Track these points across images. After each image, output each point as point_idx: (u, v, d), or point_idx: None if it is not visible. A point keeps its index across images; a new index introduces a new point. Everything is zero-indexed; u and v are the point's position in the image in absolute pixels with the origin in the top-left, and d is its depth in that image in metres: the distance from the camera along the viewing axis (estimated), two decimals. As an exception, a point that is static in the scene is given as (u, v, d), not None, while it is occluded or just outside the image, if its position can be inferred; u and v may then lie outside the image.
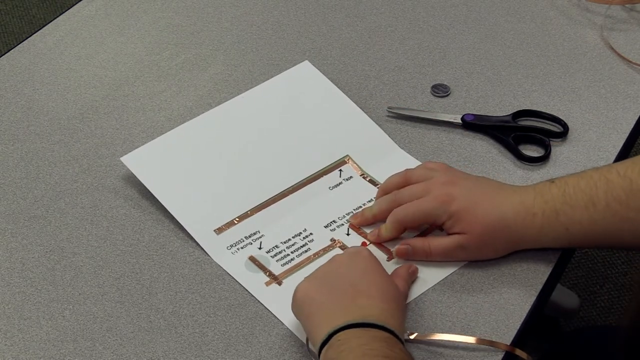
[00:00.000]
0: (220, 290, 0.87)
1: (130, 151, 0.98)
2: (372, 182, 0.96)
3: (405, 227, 0.88)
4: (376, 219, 0.90)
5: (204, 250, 0.90)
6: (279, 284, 0.87)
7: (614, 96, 1.06)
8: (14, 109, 1.07)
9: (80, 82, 1.11)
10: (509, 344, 0.81)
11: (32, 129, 1.04)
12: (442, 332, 0.82)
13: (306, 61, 1.08)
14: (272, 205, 0.94)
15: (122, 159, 0.96)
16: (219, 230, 0.91)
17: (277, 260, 0.89)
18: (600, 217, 0.82)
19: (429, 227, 0.90)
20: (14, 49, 1.16)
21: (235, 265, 0.89)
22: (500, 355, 0.80)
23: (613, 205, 0.82)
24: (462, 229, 0.85)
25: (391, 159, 0.98)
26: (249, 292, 0.86)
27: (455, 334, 0.81)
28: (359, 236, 0.91)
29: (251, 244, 0.91)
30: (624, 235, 0.83)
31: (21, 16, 2.49)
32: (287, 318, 0.83)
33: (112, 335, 0.83)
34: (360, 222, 0.91)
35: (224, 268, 0.88)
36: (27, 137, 1.03)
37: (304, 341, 0.81)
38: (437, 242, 0.86)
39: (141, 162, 0.96)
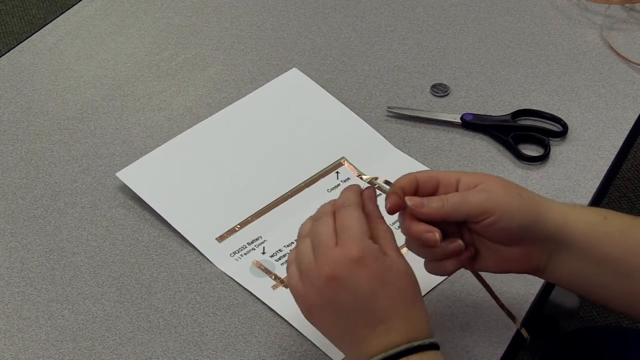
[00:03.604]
0: (220, 289, 0.87)
1: (129, 151, 0.99)
2: (370, 182, 0.96)
3: (417, 179, 0.75)
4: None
5: (208, 259, 0.90)
6: (286, 287, 0.87)
7: (613, 96, 1.06)
8: (14, 109, 1.07)
9: (80, 82, 1.11)
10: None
11: (32, 129, 1.04)
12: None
13: (294, 68, 1.09)
14: (272, 211, 0.94)
15: (117, 174, 0.96)
16: (221, 238, 0.91)
17: (282, 264, 0.89)
18: (637, 224, 0.75)
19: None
20: (14, 49, 1.16)
21: (240, 271, 0.89)
22: (503, 348, 0.80)
23: None
24: (482, 178, 0.74)
25: (387, 159, 0.99)
26: (251, 294, 0.86)
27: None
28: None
29: (254, 249, 0.91)
30: None
31: (21, 16, 2.49)
32: (297, 321, 0.83)
33: (111, 335, 0.83)
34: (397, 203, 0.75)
35: (230, 275, 0.88)
36: (27, 137, 1.03)
37: (317, 340, 0.81)
38: (454, 193, 0.75)
39: (137, 176, 0.96)
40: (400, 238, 0.75)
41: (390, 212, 0.74)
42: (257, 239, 0.91)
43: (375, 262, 0.69)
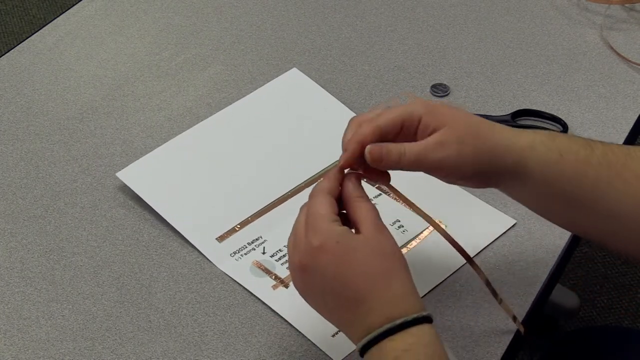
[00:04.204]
0: (220, 289, 0.87)
1: (129, 151, 0.99)
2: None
3: (381, 129, 0.75)
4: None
5: (208, 259, 0.90)
6: (286, 286, 0.87)
7: (613, 96, 1.06)
8: (14, 109, 1.07)
9: (80, 82, 1.11)
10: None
11: (32, 129, 1.04)
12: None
13: (294, 68, 1.09)
14: (272, 210, 0.94)
15: (117, 174, 0.96)
16: (221, 238, 0.91)
17: (282, 264, 0.89)
18: (596, 161, 0.75)
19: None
20: (14, 49, 1.16)
21: (240, 271, 0.89)
22: (503, 348, 0.80)
23: (610, 156, 0.75)
24: (441, 121, 0.74)
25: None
26: (251, 294, 0.86)
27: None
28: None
29: (254, 249, 0.91)
30: (611, 194, 0.74)
31: (21, 16, 2.49)
32: (297, 320, 0.83)
33: (111, 335, 0.83)
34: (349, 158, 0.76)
35: (230, 275, 0.88)
36: (27, 137, 1.03)
37: (317, 340, 0.81)
38: (412, 144, 0.75)
39: (137, 176, 0.96)
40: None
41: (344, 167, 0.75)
42: (257, 239, 0.91)
43: (338, 246, 0.69)
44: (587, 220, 0.77)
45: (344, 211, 0.74)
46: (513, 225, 0.91)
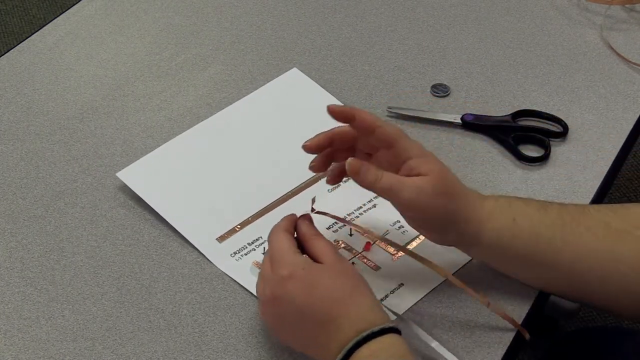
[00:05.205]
0: (220, 290, 0.87)
1: (129, 151, 0.99)
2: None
3: (367, 128, 0.81)
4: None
5: (208, 259, 0.90)
6: None
7: (613, 96, 1.06)
8: (14, 109, 1.07)
9: (80, 82, 1.11)
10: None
11: (32, 129, 1.04)
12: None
13: (294, 68, 1.09)
14: (272, 211, 0.94)
15: (117, 174, 0.96)
16: (221, 239, 0.91)
17: None
18: (550, 222, 0.79)
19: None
20: (14, 49, 1.16)
21: (241, 271, 0.89)
22: (504, 349, 0.81)
23: (565, 216, 0.79)
24: (428, 169, 0.78)
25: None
26: (252, 294, 0.86)
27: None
28: (361, 237, 0.91)
29: (254, 249, 0.91)
30: (568, 251, 0.79)
31: (21, 16, 2.49)
32: None
33: (111, 335, 0.83)
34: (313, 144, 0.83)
35: (230, 275, 0.88)
36: (27, 137, 1.03)
37: None
38: (391, 174, 0.78)
39: (137, 176, 0.96)
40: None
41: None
42: (257, 239, 0.91)
43: (304, 272, 0.75)
44: (551, 278, 0.82)
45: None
46: (513, 226, 0.91)
